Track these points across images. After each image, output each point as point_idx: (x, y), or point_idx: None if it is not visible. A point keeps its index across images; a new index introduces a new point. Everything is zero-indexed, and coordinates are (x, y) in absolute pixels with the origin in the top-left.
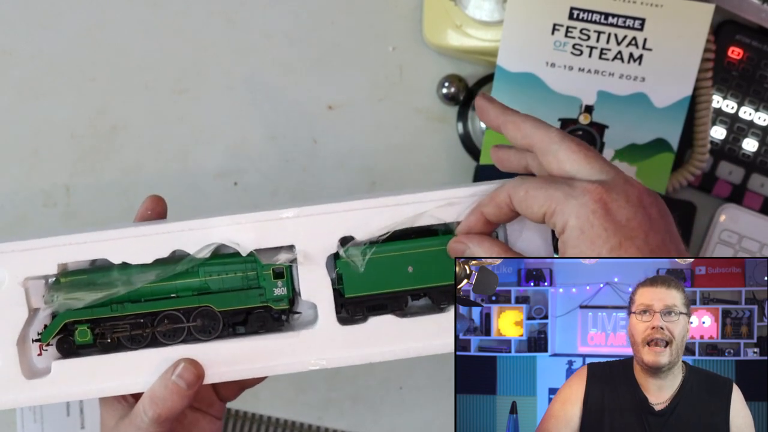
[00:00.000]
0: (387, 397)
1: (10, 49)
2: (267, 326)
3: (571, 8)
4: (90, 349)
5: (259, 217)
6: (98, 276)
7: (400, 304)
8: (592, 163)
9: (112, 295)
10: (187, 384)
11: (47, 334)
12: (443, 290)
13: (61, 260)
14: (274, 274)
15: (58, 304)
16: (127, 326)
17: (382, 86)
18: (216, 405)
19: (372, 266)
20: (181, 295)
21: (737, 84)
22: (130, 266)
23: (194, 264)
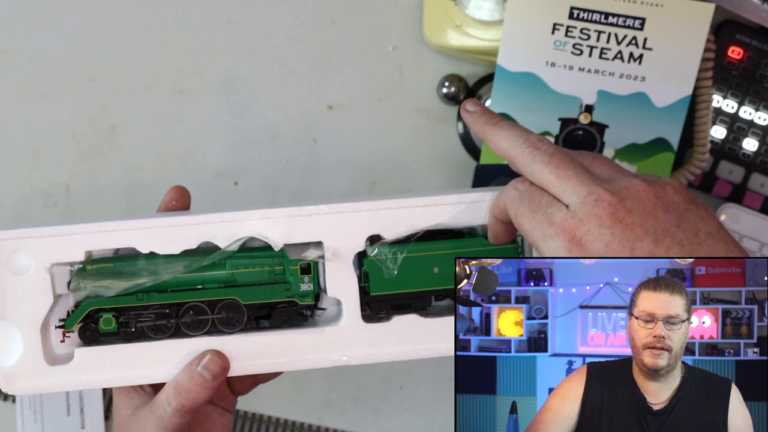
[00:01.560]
0: (387, 397)
1: (10, 49)
2: (291, 321)
3: (571, 8)
4: (113, 337)
5: (288, 212)
6: (125, 265)
7: (423, 304)
8: (564, 184)
9: (139, 285)
10: (212, 375)
11: (71, 321)
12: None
13: (88, 247)
14: (300, 270)
15: (87, 292)
16: (151, 316)
17: (382, 86)
18: (228, 398)
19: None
20: (207, 287)
21: (737, 83)
22: (157, 256)
23: (222, 256)
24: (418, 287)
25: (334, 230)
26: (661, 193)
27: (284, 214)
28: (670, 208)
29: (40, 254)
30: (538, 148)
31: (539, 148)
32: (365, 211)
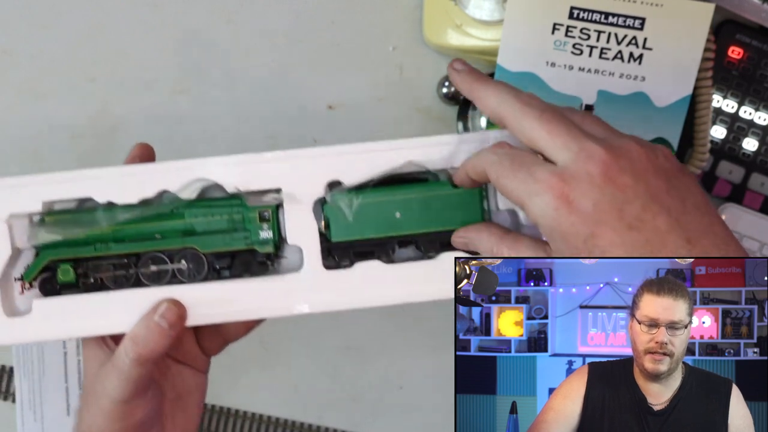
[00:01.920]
0: (387, 396)
1: (10, 49)
2: (252, 270)
3: (571, 8)
4: (73, 289)
5: (246, 159)
6: (83, 215)
7: (387, 250)
8: (555, 139)
9: (95, 231)
10: (169, 324)
11: (29, 272)
12: (431, 238)
13: (45, 198)
14: (259, 217)
15: (45, 242)
16: (110, 266)
17: (382, 86)
18: (200, 359)
19: (359, 211)
20: (166, 237)
21: (737, 83)
22: (115, 207)
23: (179, 203)
24: (380, 233)
25: (293, 176)
26: (653, 157)
27: (242, 160)
28: (660, 173)
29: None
30: (529, 104)
31: (530, 104)
32: (324, 157)
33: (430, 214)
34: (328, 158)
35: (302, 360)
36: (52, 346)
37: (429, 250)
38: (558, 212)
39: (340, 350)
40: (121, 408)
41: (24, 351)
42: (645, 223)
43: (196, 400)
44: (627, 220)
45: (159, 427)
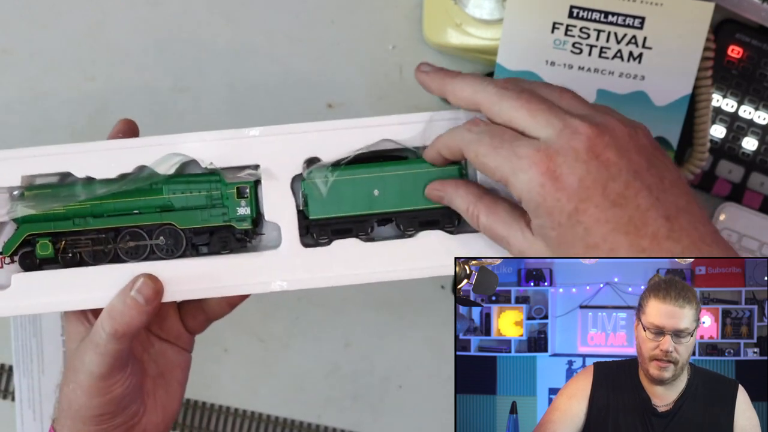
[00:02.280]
0: (387, 396)
1: (10, 48)
2: (230, 246)
3: (570, 7)
4: (52, 264)
5: (225, 134)
6: (62, 190)
7: (365, 228)
8: (537, 117)
9: (73, 205)
10: (145, 299)
11: (8, 246)
12: (409, 215)
13: (24, 172)
14: (237, 193)
15: (19, 213)
16: (89, 241)
17: (381, 85)
18: (184, 337)
19: (337, 189)
20: (144, 212)
21: (737, 83)
22: (94, 181)
23: (157, 179)
24: (358, 210)
25: (271, 153)
26: (633, 134)
27: (221, 136)
28: (641, 150)
29: None
30: (505, 87)
31: (506, 88)
32: (302, 133)
33: (409, 191)
34: (306, 135)
35: (302, 359)
36: (52, 345)
37: (408, 228)
38: (544, 188)
39: (340, 349)
40: (98, 383)
41: (24, 350)
42: (628, 200)
43: (178, 378)
44: (611, 197)
45: (139, 404)
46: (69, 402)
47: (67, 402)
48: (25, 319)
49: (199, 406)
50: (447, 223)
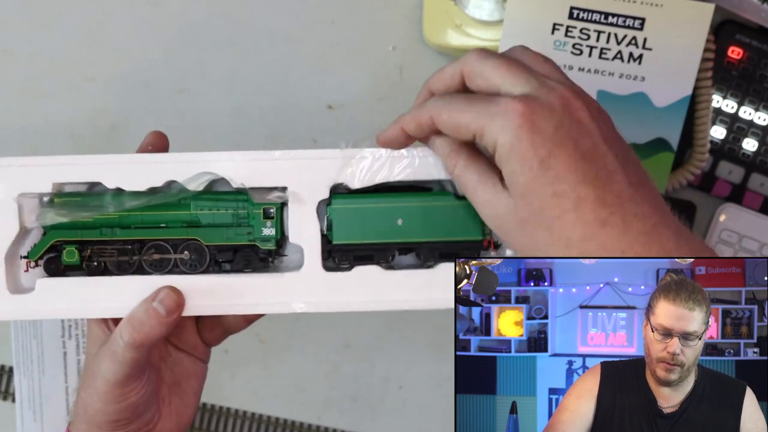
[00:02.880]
0: (387, 397)
1: (10, 48)
2: (253, 265)
3: (571, 8)
4: (76, 271)
5: (255, 155)
6: (92, 199)
7: (386, 256)
8: (517, 75)
9: (102, 215)
10: (166, 311)
11: (35, 251)
12: (431, 247)
13: (55, 179)
14: (264, 214)
15: (52, 222)
16: (114, 251)
17: (382, 86)
18: (200, 348)
19: (362, 216)
20: (170, 226)
21: (737, 83)
22: (123, 192)
23: (186, 194)
24: (381, 239)
25: (299, 176)
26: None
27: (251, 157)
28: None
29: (8, 183)
30: (487, 54)
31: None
32: (332, 159)
33: (432, 223)
34: (335, 161)
35: (302, 360)
36: (52, 346)
37: (428, 259)
38: (521, 129)
39: (340, 350)
40: (114, 390)
41: (24, 351)
42: (596, 158)
43: (193, 387)
44: (581, 150)
45: (154, 411)
46: (85, 406)
47: (84, 406)
48: (25, 320)
49: (199, 407)
50: (466, 256)
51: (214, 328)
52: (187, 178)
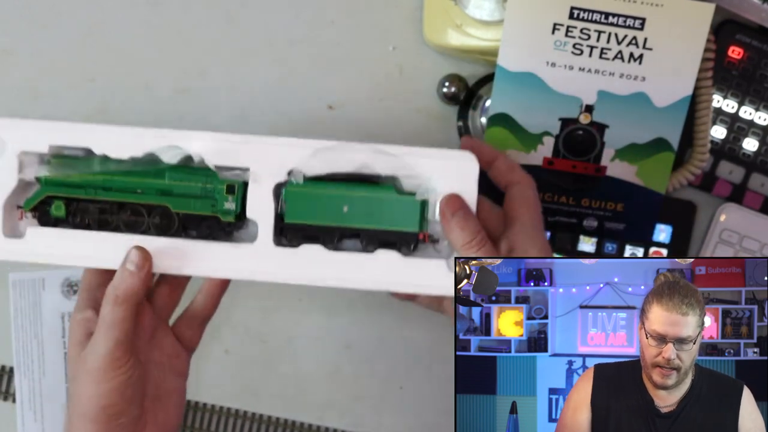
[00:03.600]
0: (387, 397)
1: (10, 49)
2: (214, 234)
3: (571, 8)
4: (63, 224)
5: (225, 137)
6: (81, 162)
7: (332, 238)
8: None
9: (88, 177)
10: (136, 266)
11: (29, 202)
12: (371, 234)
13: (52, 142)
14: (226, 189)
15: (42, 174)
16: (96, 210)
17: (382, 86)
18: (182, 356)
19: (312, 200)
20: (146, 192)
21: (737, 83)
22: (108, 159)
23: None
24: (327, 222)
25: (262, 159)
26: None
27: (222, 138)
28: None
29: (12, 141)
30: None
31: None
32: (292, 147)
33: (373, 213)
34: (296, 149)
35: (303, 360)
36: (52, 346)
37: (369, 245)
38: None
39: (341, 350)
40: (105, 365)
41: (24, 351)
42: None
43: (174, 403)
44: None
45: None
46: (78, 397)
47: (75, 400)
48: (26, 320)
49: (200, 407)
50: (403, 246)
51: (189, 322)
52: (161, 149)
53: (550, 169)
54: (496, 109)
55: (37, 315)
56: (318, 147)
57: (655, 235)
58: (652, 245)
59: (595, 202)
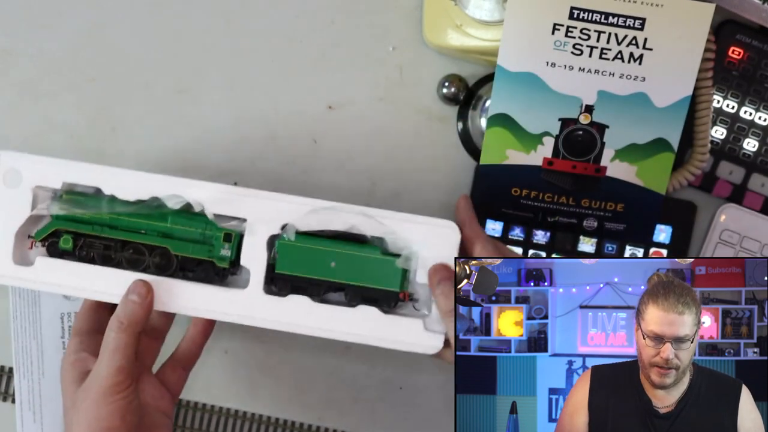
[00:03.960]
0: (387, 397)
1: (10, 49)
2: (209, 278)
3: (571, 8)
4: (69, 257)
5: (226, 189)
6: (91, 200)
7: (318, 290)
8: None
9: (96, 215)
10: (139, 296)
11: (39, 233)
12: (356, 290)
13: (65, 179)
14: (224, 237)
15: (54, 210)
16: (101, 246)
17: (382, 86)
18: (166, 398)
19: (302, 254)
20: (149, 233)
21: (737, 84)
22: (116, 199)
23: (165, 210)
24: (315, 275)
25: (258, 212)
26: None
27: (223, 189)
28: None
29: (29, 176)
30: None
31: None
32: (288, 203)
33: (359, 270)
34: (291, 205)
35: (302, 361)
36: (52, 347)
37: (352, 299)
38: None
39: (341, 351)
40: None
41: (24, 352)
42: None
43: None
44: None
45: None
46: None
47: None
48: (25, 321)
49: (199, 407)
50: (384, 303)
51: (174, 367)
52: (166, 196)
53: (550, 169)
54: (496, 109)
55: (37, 316)
56: (313, 206)
57: (655, 235)
58: (653, 246)
59: (595, 203)
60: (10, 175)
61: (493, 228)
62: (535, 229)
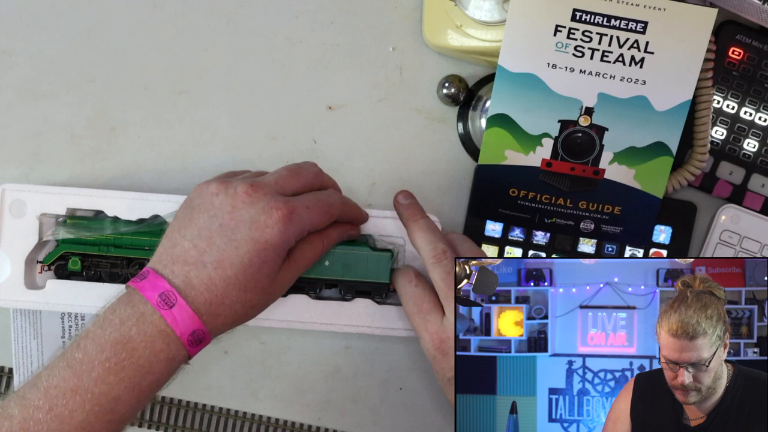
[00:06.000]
0: (387, 397)
1: (10, 49)
2: None
3: (573, 10)
4: (78, 277)
5: None
6: (95, 223)
7: (315, 288)
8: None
9: (101, 236)
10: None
11: (48, 258)
12: (350, 285)
13: (69, 205)
14: None
15: (60, 235)
16: (108, 265)
17: (382, 86)
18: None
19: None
20: (152, 249)
21: (738, 84)
22: (119, 220)
23: (166, 226)
24: (312, 274)
25: None
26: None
27: None
28: None
29: (34, 205)
30: (440, 261)
31: (441, 262)
32: None
33: (351, 267)
34: None
35: (302, 361)
36: (52, 347)
37: (347, 294)
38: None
39: (340, 351)
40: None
41: (24, 352)
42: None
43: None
44: None
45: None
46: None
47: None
48: (25, 321)
49: (199, 408)
50: (377, 294)
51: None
52: (167, 214)
53: (549, 170)
54: (495, 109)
55: (37, 316)
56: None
57: (655, 235)
58: (653, 246)
59: (593, 205)
60: (15, 206)
61: (493, 229)
62: (534, 230)
